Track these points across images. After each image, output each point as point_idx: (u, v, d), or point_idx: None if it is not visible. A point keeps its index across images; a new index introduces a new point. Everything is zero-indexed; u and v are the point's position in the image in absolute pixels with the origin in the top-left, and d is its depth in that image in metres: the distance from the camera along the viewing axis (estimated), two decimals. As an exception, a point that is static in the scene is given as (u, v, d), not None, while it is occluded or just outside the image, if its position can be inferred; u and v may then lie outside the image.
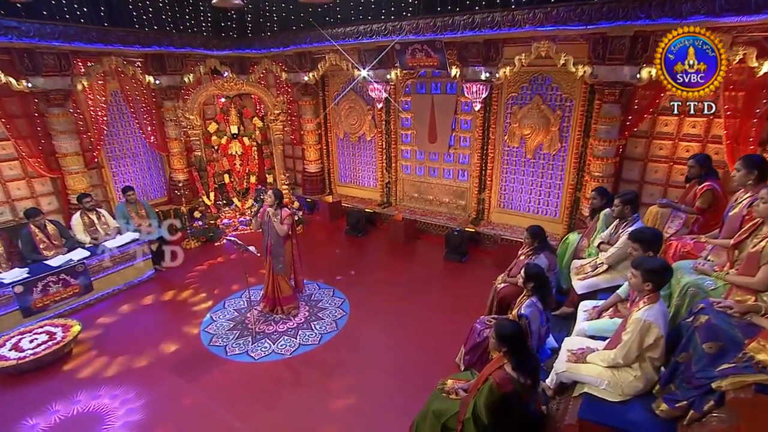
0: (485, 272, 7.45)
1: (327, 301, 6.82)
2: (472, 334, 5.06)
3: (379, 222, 9.68)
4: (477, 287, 6.89)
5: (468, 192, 8.93)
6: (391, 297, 6.88)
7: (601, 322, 4.19)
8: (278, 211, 6.07)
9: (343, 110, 10.14)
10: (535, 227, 5.54)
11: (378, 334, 6.11)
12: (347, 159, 10.66)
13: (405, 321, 6.30)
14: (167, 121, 9.43)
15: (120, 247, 7.22)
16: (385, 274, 7.71)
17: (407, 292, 6.99)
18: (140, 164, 9.67)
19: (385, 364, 5.45)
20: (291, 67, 9.77)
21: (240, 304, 6.81)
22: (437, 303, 6.75)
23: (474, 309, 6.07)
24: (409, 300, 6.80)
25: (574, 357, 3.87)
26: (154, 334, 6.12)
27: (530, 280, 4.58)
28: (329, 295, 6.98)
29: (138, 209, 8.01)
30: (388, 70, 8.54)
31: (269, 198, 6.08)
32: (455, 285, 7.31)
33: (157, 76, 8.97)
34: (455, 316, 6.27)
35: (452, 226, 8.49)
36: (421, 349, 5.67)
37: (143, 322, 6.48)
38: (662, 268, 3.44)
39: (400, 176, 9.80)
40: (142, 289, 7.37)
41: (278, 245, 6.15)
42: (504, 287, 5.67)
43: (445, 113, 8.70)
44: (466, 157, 8.78)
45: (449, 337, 5.79)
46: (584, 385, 3.62)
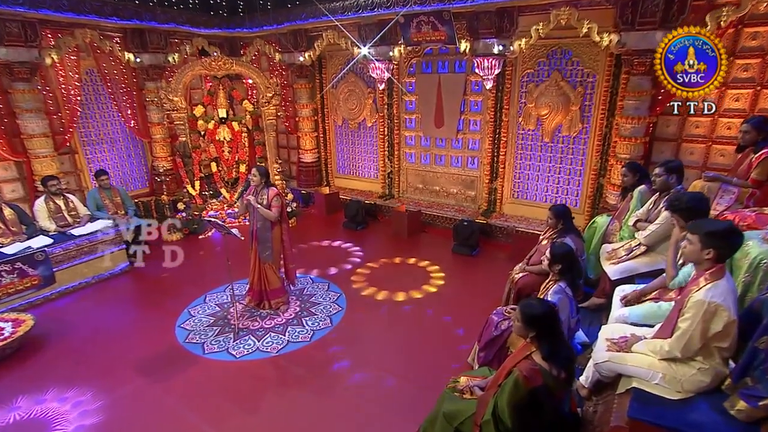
0: (498, 266, 6.99)
1: (321, 296, 6.29)
2: (488, 328, 4.51)
3: (380, 215, 9.23)
4: (489, 282, 6.50)
5: (478, 181, 8.44)
6: (392, 290, 6.37)
7: (645, 307, 3.63)
8: (264, 192, 5.53)
9: (341, 94, 9.71)
10: (559, 206, 5.02)
11: (378, 330, 5.56)
12: (346, 148, 10.20)
13: (409, 317, 5.76)
14: (149, 104, 8.97)
15: (89, 236, 6.68)
16: (386, 268, 7.18)
17: (411, 286, 6.47)
18: (119, 151, 9.17)
19: (385, 362, 4.89)
20: (285, 47, 9.34)
21: (223, 299, 6.27)
22: (445, 297, 6.21)
23: (486, 304, 5.60)
24: (411, 294, 6.27)
25: (615, 347, 3.30)
26: (122, 332, 5.58)
27: (558, 261, 4.03)
28: (323, 290, 6.46)
29: (113, 196, 7.52)
30: (391, 47, 8.11)
31: (254, 177, 5.55)
32: (465, 279, 6.79)
33: (137, 54, 8.52)
34: (465, 312, 5.75)
35: (461, 218, 7.94)
36: (427, 347, 5.12)
37: (111, 318, 5.93)
38: (728, 230, 2.87)
39: (404, 165, 9.33)
40: (113, 283, 6.84)
41: (265, 229, 5.62)
42: (523, 277, 5.16)
43: (453, 94, 8.24)
44: (476, 142, 8.31)
45: (459, 334, 5.30)
46: (632, 380, 3.06)
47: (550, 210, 5.02)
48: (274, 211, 5.49)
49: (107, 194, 7.45)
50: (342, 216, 9.14)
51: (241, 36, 9.84)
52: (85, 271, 6.64)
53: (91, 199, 7.33)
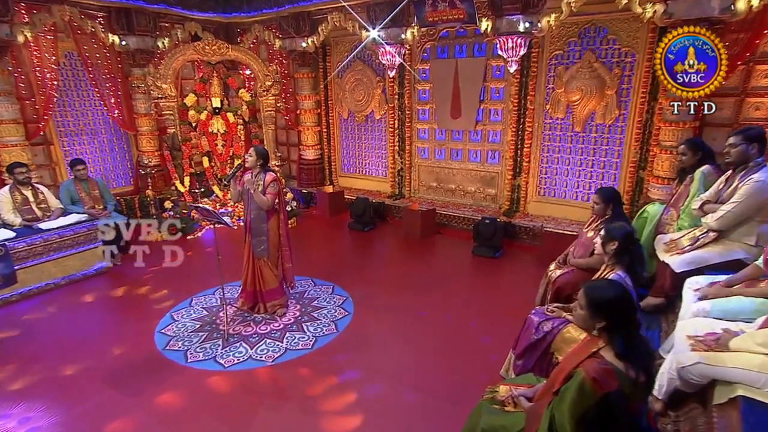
0: (525, 269, 6.50)
1: (324, 300, 5.73)
2: (526, 330, 3.93)
3: (389, 216, 8.74)
4: (516, 286, 6.03)
5: (499, 178, 7.94)
6: (407, 295, 5.80)
7: (733, 301, 3.04)
8: (260, 176, 5.01)
9: (347, 84, 9.28)
10: (608, 189, 4.49)
11: (391, 337, 4.97)
12: (352, 143, 9.76)
13: (426, 323, 5.18)
14: (135, 92, 8.54)
15: (59, 230, 6.13)
16: (398, 270, 6.67)
17: (427, 290, 5.90)
18: (100, 144, 8.68)
19: (402, 373, 4.29)
20: (286, 32, 8.89)
21: (211, 302, 5.72)
22: (467, 302, 5.66)
23: (516, 309, 5.08)
24: (429, 299, 5.71)
25: (703, 345, 2.71)
26: (92, 338, 5.00)
27: (614, 238, 3.46)
28: (327, 293, 5.90)
29: (90, 188, 7.00)
30: (403, 29, 7.63)
31: (249, 157, 5.03)
32: (488, 283, 6.26)
33: (123, 36, 8.06)
34: (491, 318, 5.19)
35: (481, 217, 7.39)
36: (450, 357, 4.53)
37: (80, 323, 5.36)
38: None
39: (416, 162, 8.85)
40: (86, 285, 6.28)
41: (260, 220, 5.08)
42: (563, 274, 4.60)
43: (471, 81, 7.78)
44: (497, 134, 7.82)
45: (486, 342, 4.73)
46: (734, 387, 2.46)
47: (597, 193, 4.47)
48: (269, 198, 4.96)
49: (84, 186, 6.93)
50: (347, 217, 8.65)
51: (238, 21, 9.46)
52: (54, 270, 6.08)
53: (65, 191, 6.80)
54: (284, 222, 5.31)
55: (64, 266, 6.19)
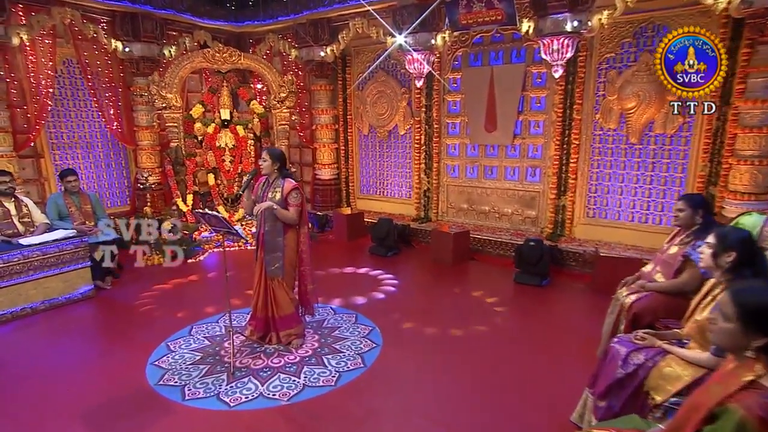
0: (579, 299, 5.96)
1: (347, 329, 5.15)
2: (610, 364, 3.30)
3: (414, 240, 8.25)
4: (571, 317, 5.56)
5: (541, 198, 7.43)
6: (442, 326, 5.21)
7: None
8: (278, 183, 4.51)
9: (369, 96, 8.94)
10: (696, 195, 3.92)
11: (428, 373, 4.34)
12: (372, 162, 9.39)
13: (470, 358, 4.56)
14: (137, 103, 8.31)
15: (41, 246, 5.61)
16: (430, 299, 6.10)
17: (465, 321, 5.32)
18: (95, 158, 8.33)
19: (442, 416, 3.66)
20: (303, 41, 8.61)
21: (215, 331, 5.14)
22: (515, 335, 5.05)
23: (577, 343, 4.71)
24: (469, 331, 5.12)
25: None
26: (72, 371, 4.41)
27: (731, 247, 2.86)
28: (350, 322, 5.33)
29: (81, 203, 6.53)
30: (433, 34, 7.31)
31: (264, 162, 4.54)
32: (538, 314, 5.64)
33: (127, 43, 7.89)
34: (549, 353, 4.60)
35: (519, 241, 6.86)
36: (500, 398, 3.90)
37: (60, 353, 4.77)
38: None
39: (444, 181, 8.40)
40: (69, 311, 5.72)
41: (274, 233, 4.55)
42: (641, 299, 4.00)
43: (509, 90, 7.37)
44: (538, 149, 7.36)
45: (545, 382, 4.09)
46: None
47: (683, 199, 3.91)
48: (293, 211, 4.46)
49: (74, 200, 6.46)
50: (367, 241, 8.16)
51: (251, 31, 9.30)
52: (33, 293, 5.53)
53: (53, 204, 6.33)
54: (305, 237, 4.77)
55: (44, 288, 5.64)
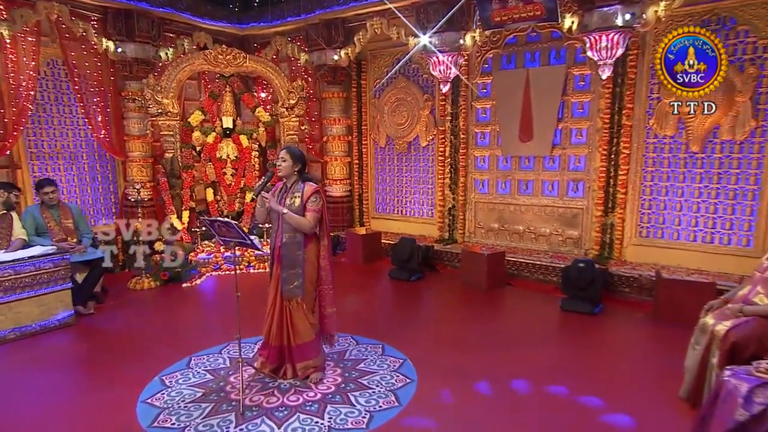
0: (641, 329, 5.54)
1: (374, 362, 4.68)
2: (726, 404, 2.88)
3: (438, 264, 7.87)
4: (636, 351, 5.16)
5: (584, 215, 7.06)
6: (485, 359, 4.75)
7: None
8: (297, 187, 4.10)
9: (387, 104, 8.73)
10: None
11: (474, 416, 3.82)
12: (389, 177, 9.15)
13: (525, 396, 4.09)
14: (129, 110, 7.95)
15: (12, 264, 5.14)
16: (467, 329, 5.63)
17: (511, 354, 4.86)
18: (80, 171, 7.93)
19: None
20: (315, 44, 8.41)
21: (217, 363, 4.67)
22: (573, 370, 4.55)
23: (650, 381, 4.28)
24: (518, 365, 4.64)
25: None
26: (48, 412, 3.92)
27: None
28: (376, 354, 4.86)
29: (61, 216, 6.11)
30: (461, 33, 7.12)
31: (283, 162, 4.13)
32: (594, 346, 5.17)
33: (120, 43, 7.57)
34: (615, 393, 4.11)
35: (562, 264, 6.47)
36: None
37: (31, 390, 4.28)
38: None
39: (472, 198, 8.09)
40: (45, 340, 5.24)
41: (293, 246, 4.13)
42: (737, 325, 3.55)
43: (547, 95, 7.09)
44: (581, 160, 7.04)
45: (623, 426, 3.63)
46: None
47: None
48: (310, 217, 4.04)
49: (53, 214, 6.04)
50: (386, 264, 7.83)
51: (256, 33, 9.10)
52: (1, 319, 5.05)
53: (29, 218, 5.89)
54: (325, 250, 4.32)
55: (16, 314, 5.16)
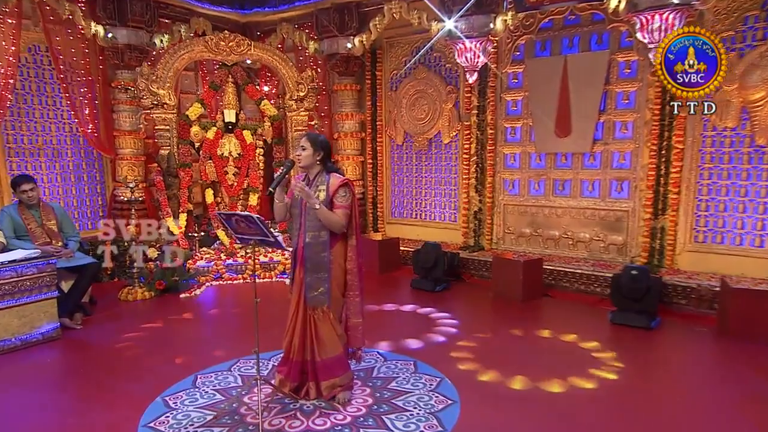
0: (708, 345, 5.30)
1: (407, 380, 4.37)
2: None
3: (464, 274, 7.69)
4: (707, 370, 4.86)
5: (630, 219, 6.82)
6: (533, 378, 4.44)
7: None
8: (323, 179, 3.85)
9: (405, 97, 8.64)
10: None
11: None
12: (407, 177, 9.01)
13: (588, 420, 3.79)
14: (119, 102, 7.78)
15: (-7, 270, 4.85)
16: (506, 343, 5.38)
17: (560, 373, 4.52)
18: (64, 169, 7.71)
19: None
20: (326, 30, 8.26)
21: (228, 381, 4.34)
22: (644, 394, 4.20)
23: (734, 407, 3.93)
24: (569, 386, 4.32)
25: None
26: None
27: None
28: (408, 371, 4.55)
29: (43, 217, 5.80)
30: (491, 16, 6.91)
31: (304, 151, 3.86)
32: (658, 364, 4.91)
33: (110, 28, 7.39)
34: (696, 421, 3.80)
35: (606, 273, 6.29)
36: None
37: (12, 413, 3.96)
38: None
39: (501, 199, 7.91)
40: (26, 357, 4.94)
41: (319, 246, 3.84)
42: None
43: (588, 84, 6.89)
44: (626, 157, 6.81)
45: None
46: None
47: None
48: (340, 213, 3.77)
49: (34, 215, 5.73)
50: (406, 273, 7.77)
51: (260, 20, 8.99)
52: (-24, 333, 4.75)
53: (6, 219, 5.59)
54: (353, 251, 4.03)
55: (-6, 327, 4.86)
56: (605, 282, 6.27)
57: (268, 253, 7.58)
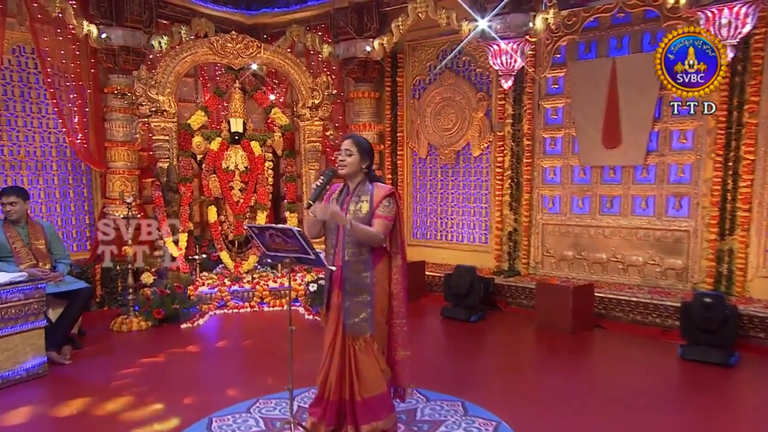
0: None
1: (456, 425, 4.11)
2: None
3: (500, 301, 7.50)
4: None
5: (691, 240, 6.59)
6: (605, 424, 4.22)
7: None
8: (365, 190, 3.62)
9: (429, 106, 8.56)
10: None
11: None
12: (431, 194, 8.88)
13: None
14: (112, 110, 7.62)
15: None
16: (565, 382, 5.12)
17: (635, 418, 4.30)
18: (48, 183, 7.50)
19: None
20: (342, 32, 8.19)
21: (248, 425, 4.06)
22: None
23: None
24: None
25: None
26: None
27: None
28: (457, 414, 4.29)
29: (31, 236, 5.58)
30: (530, 15, 6.78)
31: (349, 156, 3.62)
32: (745, 408, 4.67)
33: (105, 28, 7.26)
34: None
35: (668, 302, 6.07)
36: None
37: None
38: None
39: (538, 219, 7.76)
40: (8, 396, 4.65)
41: (359, 264, 3.61)
42: None
43: (640, 89, 6.72)
44: (685, 170, 6.62)
45: None
46: None
47: None
48: (378, 225, 3.52)
49: (20, 232, 5.50)
50: (433, 300, 7.65)
51: (268, 21, 8.98)
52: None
53: (-14, 239, 5.39)
54: (399, 271, 3.83)
55: (-28, 363, 4.61)
56: (666, 311, 6.08)
57: (278, 278, 7.35)
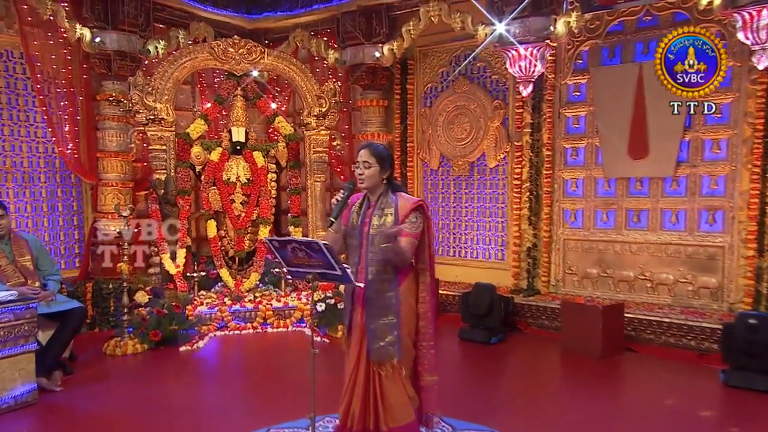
0: None
1: None
2: None
3: (519, 322, 7.37)
4: None
5: (726, 256, 6.45)
6: None
7: None
8: (389, 201, 3.47)
9: (442, 114, 8.53)
10: None
11: None
12: (443, 208, 8.82)
13: None
14: (105, 119, 7.57)
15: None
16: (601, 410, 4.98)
17: None
18: (35, 196, 7.45)
19: None
20: (350, 37, 8.14)
21: None
22: None
23: None
24: None
25: None
26: None
27: None
28: None
29: (15, 252, 5.42)
30: (551, 18, 6.73)
31: (368, 168, 3.45)
32: None
33: (98, 31, 7.23)
34: None
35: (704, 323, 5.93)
36: None
37: None
38: None
39: (560, 234, 7.67)
40: None
41: (384, 283, 3.45)
42: None
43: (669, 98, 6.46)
44: (719, 182, 6.51)
45: None
46: None
47: None
48: (405, 244, 3.35)
49: (4, 249, 5.35)
50: (448, 321, 7.46)
51: (270, 26, 8.98)
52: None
53: (-30, 255, 5.25)
54: (426, 289, 3.61)
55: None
56: (703, 333, 5.93)
57: (282, 297, 7.20)
